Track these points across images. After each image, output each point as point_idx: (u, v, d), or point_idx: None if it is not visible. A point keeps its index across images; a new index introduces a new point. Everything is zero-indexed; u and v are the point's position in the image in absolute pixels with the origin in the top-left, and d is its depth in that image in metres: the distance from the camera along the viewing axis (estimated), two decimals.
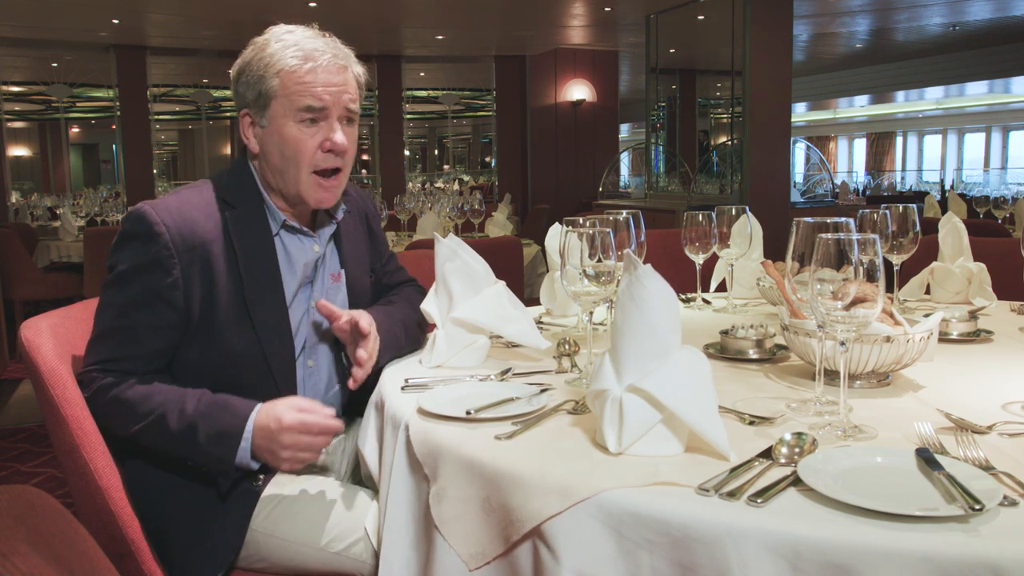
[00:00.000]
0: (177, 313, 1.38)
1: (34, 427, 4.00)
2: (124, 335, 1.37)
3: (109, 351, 1.37)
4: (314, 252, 1.54)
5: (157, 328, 1.38)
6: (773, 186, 6.97)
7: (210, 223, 1.42)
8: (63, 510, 0.71)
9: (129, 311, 1.37)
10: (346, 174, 1.53)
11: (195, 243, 1.39)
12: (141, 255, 1.36)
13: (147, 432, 1.34)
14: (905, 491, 0.93)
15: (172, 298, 1.37)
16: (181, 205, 1.41)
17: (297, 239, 1.53)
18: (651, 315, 1.08)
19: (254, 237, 1.46)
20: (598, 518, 0.93)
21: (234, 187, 1.49)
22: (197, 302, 1.39)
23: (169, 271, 1.36)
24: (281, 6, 8.12)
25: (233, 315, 1.41)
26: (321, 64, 1.45)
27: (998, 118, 18.33)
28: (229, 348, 1.42)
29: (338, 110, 1.47)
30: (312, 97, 1.44)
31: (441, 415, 1.20)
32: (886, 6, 8.91)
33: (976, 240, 2.29)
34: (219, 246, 1.41)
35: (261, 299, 1.44)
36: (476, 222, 4.99)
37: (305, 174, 1.46)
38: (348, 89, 1.48)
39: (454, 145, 21.18)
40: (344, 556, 1.38)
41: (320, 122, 1.46)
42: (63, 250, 6.09)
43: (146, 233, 1.36)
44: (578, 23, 9.17)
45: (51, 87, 11.29)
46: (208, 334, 1.41)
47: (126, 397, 1.34)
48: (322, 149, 1.46)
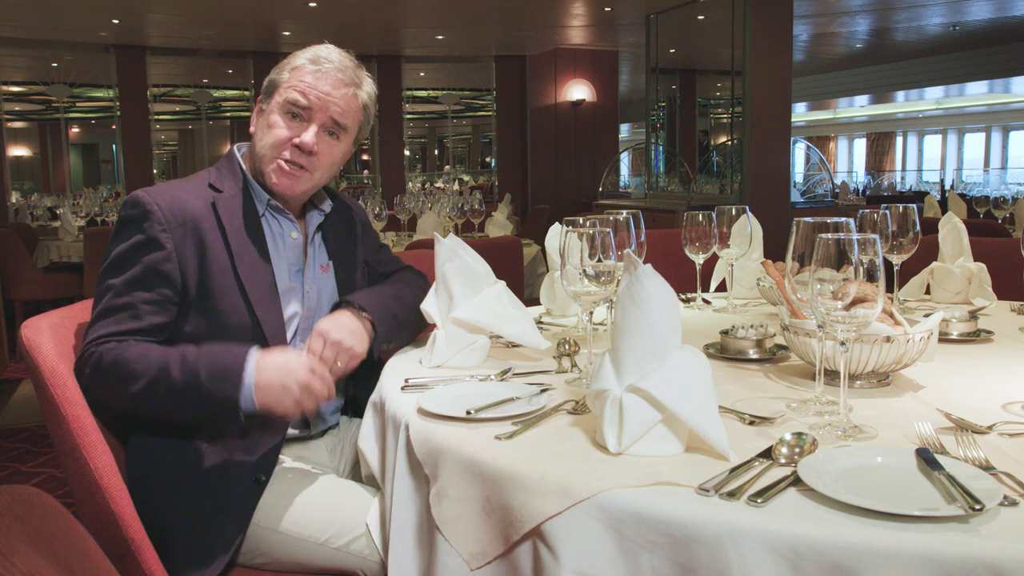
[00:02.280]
0: (174, 287, 1.42)
1: (34, 427, 4.00)
2: (124, 312, 1.39)
3: (108, 328, 1.38)
4: (292, 239, 1.60)
5: (156, 303, 1.41)
6: (773, 186, 6.97)
7: (199, 202, 1.49)
8: (63, 510, 0.71)
9: (128, 288, 1.40)
10: (313, 176, 1.56)
11: (185, 218, 1.45)
12: (137, 233, 1.42)
13: (150, 390, 1.34)
14: (905, 491, 0.92)
15: (168, 271, 1.41)
16: (171, 188, 1.50)
17: (281, 222, 1.59)
18: (651, 315, 1.08)
19: (241, 215, 1.52)
20: (598, 518, 0.93)
21: (220, 175, 1.57)
22: (192, 275, 1.44)
23: (163, 244, 1.42)
24: (281, 6, 8.12)
25: (226, 285, 1.46)
26: (323, 70, 1.53)
27: (998, 118, 18.33)
28: (224, 319, 1.46)
29: (322, 117, 1.53)
30: (300, 94, 1.51)
31: (441, 415, 1.20)
32: (886, 6, 8.91)
33: (976, 240, 2.29)
34: (209, 222, 1.48)
35: (251, 269, 1.49)
36: (476, 222, 4.99)
37: (270, 157, 1.53)
38: (341, 103, 1.54)
39: (454, 145, 21.17)
40: (345, 552, 1.38)
41: (302, 121, 1.53)
42: (63, 250, 6.09)
43: (140, 214, 1.43)
44: (578, 23, 9.17)
45: (51, 87, 11.29)
46: (203, 306, 1.45)
47: (125, 357, 1.34)
48: (292, 143, 1.52)
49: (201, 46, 10.25)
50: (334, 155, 1.58)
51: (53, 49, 10.06)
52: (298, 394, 1.34)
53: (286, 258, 1.58)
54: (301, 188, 1.56)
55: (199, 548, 1.35)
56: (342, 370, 1.47)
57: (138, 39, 9.58)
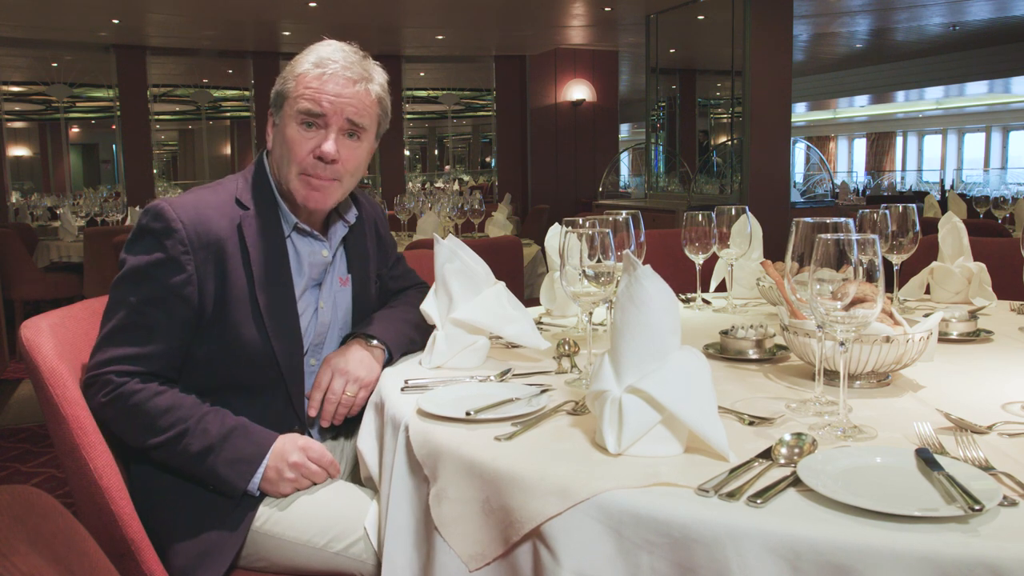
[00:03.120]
0: (191, 310, 1.40)
1: (34, 427, 4.00)
2: (139, 332, 1.37)
3: (124, 349, 1.36)
4: (323, 257, 1.57)
5: (172, 325, 1.39)
6: (773, 186, 6.97)
7: (224, 221, 1.44)
8: (63, 510, 0.71)
9: (144, 308, 1.37)
10: (343, 184, 1.52)
11: (209, 240, 1.41)
12: (157, 251, 1.38)
13: (164, 448, 1.36)
14: (905, 491, 0.92)
15: (186, 294, 1.39)
16: (197, 203, 1.44)
17: (308, 242, 1.55)
18: (650, 316, 1.08)
19: (266, 238, 1.48)
20: (598, 519, 0.93)
21: (250, 190, 1.52)
22: (210, 298, 1.41)
23: (184, 267, 1.39)
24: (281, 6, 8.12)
25: (244, 312, 1.43)
26: (329, 71, 1.46)
27: (998, 118, 18.33)
28: (239, 345, 1.44)
29: (338, 120, 1.47)
30: (312, 102, 1.46)
31: (441, 416, 1.20)
32: (886, 6, 8.91)
33: (976, 240, 2.29)
34: (232, 244, 1.44)
35: (271, 298, 1.46)
36: (476, 222, 4.99)
37: (295, 173, 1.48)
38: (354, 102, 1.48)
39: (454, 145, 21.17)
40: (344, 556, 1.38)
41: (319, 128, 1.47)
42: (63, 250, 6.09)
43: (163, 229, 1.39)
44: (578, 23, 9.17)
45: (51, 87, 11.29)
46: (219, 331, 1.43)
47: (146, 409, 1.35)
48: (313, 155, 1.47)
49: (201, 46, 10.24)
50: (359, 157, 1.53)
51: (53, 49, 10.05)
52: (292, 475, 1.38)
53: (308, 275, 1.55)
54: (333, 200, 1.53)
55: (198, 552, 1.35)
56: (352, 400, 1.48)
57: (138, 39, 9.57)
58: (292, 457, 1.38)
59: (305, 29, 9.13)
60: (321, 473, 1.41)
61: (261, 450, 1.38)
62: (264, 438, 1.39)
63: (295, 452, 1.39)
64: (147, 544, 1.30)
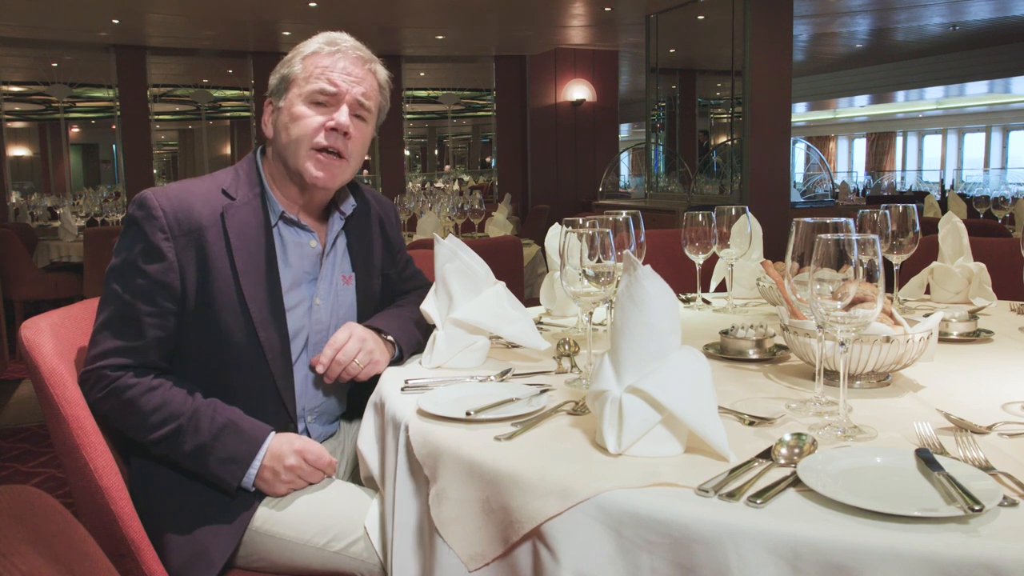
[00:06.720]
0: (175, 299, 1.41)
1: (34, 427, 4.00)
2: (129, 324, 1.38)
3: (115, 342, 1.37)
4: (311, 248, 1.56)
5: (159, 316, 1.39)
6: (773, 186, 6.97)
7: (206, 209, 1.45)
8: (63, 510, 0.71)
9: (132, 300, 1.38)
10: (350, 164, 1.54)
11: (190, 227, 1.42)
12: (140, 240, 1.40)
13: (159, 443, 1.37)
14: (905, 491, 0.92)
15: (169, 281, 1.40)
16: (182, 191, 1.45)
17: (294, 232, 1.55)
18: (650, 316, 1.08)
19: (250, 227, 1.48)
20: (598, 519, 0.93)
21: (239, 181, 1.52)
22: (192, 285, 1.41)
23: (164, 254, 1.39)
24: (281, 6, 8.12)
25: (228, 300, 1.43)
26: (342, 49, 1.51)
27: (998, 118, 18.33)
28: (225, 336, 1.44)
29: (349, 99, 1.50)
30: (326, 81, 1.48)
31: (441, 416, 1.20)
32: (886, 6, 8.91)
33: (976, 240, 2.29)
34: (214, 233, 1.44)
35: (255, 286, 1.46)
36: (476, 222, 4.99)
37: (305, 149, 1.49)
38: (364, 84, 1.52)
39: (454, 145, 21.16)
40: (344, 555, 1.38)
41: (329, 107, 1.50)
42: (63, 250, 6.09)
43: (145, 216, 1.41)
44: (578, 23, 9.17)
45: (51, 87, 11.28)
46: (203, 322, 1.43)
47: (139, 405, 1.35)
48: (325, 128, 1.49)
49: (201, 46, 10.25)
50: (365, 138, 1.56)
51: (53, 49, 10.05)
52: (288, 477, 1.39)
53: (299, 267, 1.54)
54: (342, 178, 1.54)
55: (198, 551, 1.35)
56: (359, 370, 1.48)
57: (138, 39, 9.57)
58: (288, 460, 1.38)
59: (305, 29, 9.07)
60: (317, 474, 1.42)
61: (253, 448, 1.38)
62: (256, 435, 1.39)
63: (291, 455, 1.39)
64: (147, 544, 1.30)
